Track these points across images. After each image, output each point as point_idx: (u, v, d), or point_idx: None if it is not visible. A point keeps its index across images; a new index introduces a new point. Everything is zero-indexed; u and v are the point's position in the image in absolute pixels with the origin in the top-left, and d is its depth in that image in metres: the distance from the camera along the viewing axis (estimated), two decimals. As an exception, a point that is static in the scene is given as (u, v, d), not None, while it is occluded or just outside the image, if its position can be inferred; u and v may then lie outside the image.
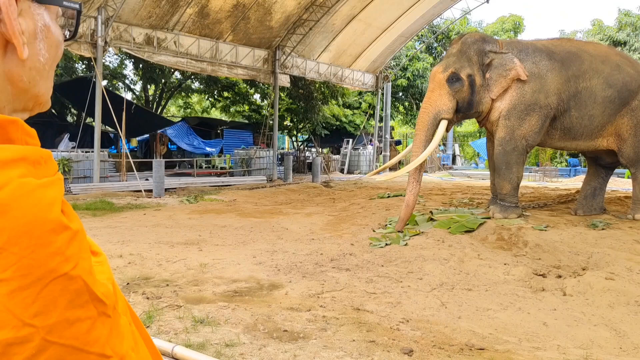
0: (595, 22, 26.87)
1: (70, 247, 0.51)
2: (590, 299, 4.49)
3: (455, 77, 7.50)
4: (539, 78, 7.51)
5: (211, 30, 14.84)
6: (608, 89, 7.50)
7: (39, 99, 0.63)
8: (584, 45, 8.16)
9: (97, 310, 0.52)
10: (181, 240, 6.85)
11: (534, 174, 20.13)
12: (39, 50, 0.60)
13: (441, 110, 7.50)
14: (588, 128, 7.64)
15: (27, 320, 0.47)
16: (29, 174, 0.51)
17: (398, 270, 5.33)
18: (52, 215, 0.50)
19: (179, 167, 20.55)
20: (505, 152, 7.62)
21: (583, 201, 8.33)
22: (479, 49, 7.65)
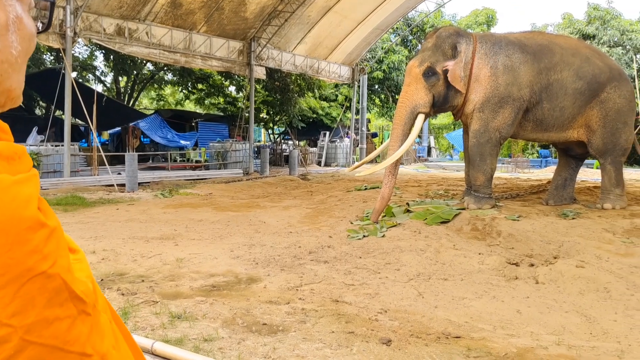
0: (566, 15, 27.44)
1: (48, 245, 0.50)
2: (562, 286, 4.61)
3: (431, 71, 7.56)
4: (512, 70, 7.63)
5: (184, 21, 14.59)
6: (578, 81, 7.68)
7: (10, 93, 0.61)
8: (555, 39, 8.33)
9: (76, 309, 0.51)
10: (156, 235, 6.76)
11: (506, 165, 20.51)
12: (11, 42, 0.58)
13: (418, 104, 7.57)
14: (559, 119, 7.81)
15: (4, 320, 0.46)
16: (3, 170, 0.49)
17: (376, 262, 5.38)
18: (28, 213, 0.49)
19: (152, 160, 20.22)
20: (480, 144, 7.74)
21: (554, 191, 8.54)
22: (453, 43, 7.73)
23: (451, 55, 7.71)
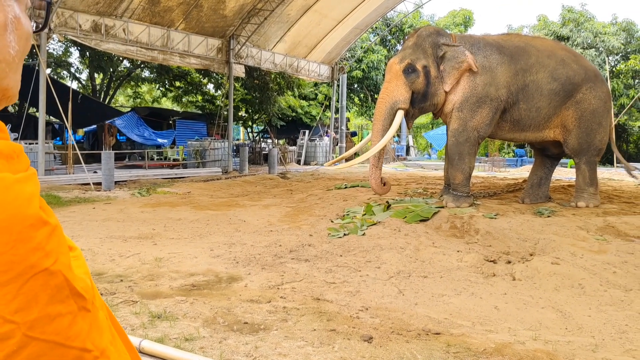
0: (541, 17, 27.96)
1: (50, 242, 0.51)
2: (538, 283, 4.71)
3: (411, 68, 7.72)
4: (489, 71, 7.80)
5: (162, 18, 14.40)
6: (553, 82, 7.86)
7: (7, 92, 0.62)
8: (532, 40, 8.50)
9: (77, 305, 0.52)
10: (134, 235, 6.67)
11: (483, 164, 20.82)
12: (9, 42, 0.59)
13: (397, 100, 7.72)
14: (535, 120, 7.99)
15: (7, 316, 0.46)
16: (3, 169, 0.50)
17: (356, 260, 5.41)
18: (31, 211, 0.50)
19: (129, 159, 19.92)
20: (458, 143, 7.88)
21: (530, 190, 8.72)
22: (434, 41, 7.89)
23: (431, 53, 7.86)
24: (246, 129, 30.71)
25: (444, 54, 7.81)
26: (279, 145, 24.50)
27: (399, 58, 7.90)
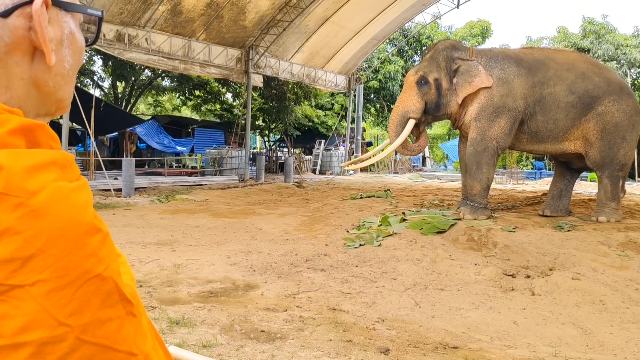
0: (561, 29, 27.74)
1: (102, 249, 0.53)
2: (558, 298, 4.64)
3: (423, 80, 8.17)
4: (506, 83, 7.92)
5: (184, 29, 14.64)
6: (570, 95, 7.88)
7: (61, 103, 0.65)
8: (554, 54, 8.49)
9: (125, 310, 0.54)
10: (153, 241, 6.75)
11: (500, 176, 20.62)
12: (64, 56, 0.62)
13: (409, 109, 8.24)
14: (553, 131, 8.00)
15: (62, 319, 0.48)
16: (60, 178, 0.52)
17: (372, 271, 5.39)
18: (86, 218, 0.52)
19: (148, 166, 20.19)
20: (477, 152, 7.96)
21: (550, 202, 8.67)
22: (448, 55, 8.20)
23: (444, 67, 8.16)
24: (263, 137, 30.91)
25: (457, 68, 8.09)
26: (295, 154, 24.60)
27: (415, 70, 8.42)
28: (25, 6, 0.56)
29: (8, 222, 0.47)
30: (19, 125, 0.53)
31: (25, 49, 0.57)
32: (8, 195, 0.48)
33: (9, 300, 0.46)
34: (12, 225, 0.47)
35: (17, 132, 0.53)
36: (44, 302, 0.47)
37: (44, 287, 0.47)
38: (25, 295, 0.47)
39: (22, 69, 0.58)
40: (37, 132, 0.55)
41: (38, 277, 0.47)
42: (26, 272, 0.47)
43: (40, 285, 0.47)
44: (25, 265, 0.47)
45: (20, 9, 0.56)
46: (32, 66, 0.59)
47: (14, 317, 0.47)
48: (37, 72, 0.59)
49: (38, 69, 0.59)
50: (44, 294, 0.47)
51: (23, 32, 0.56)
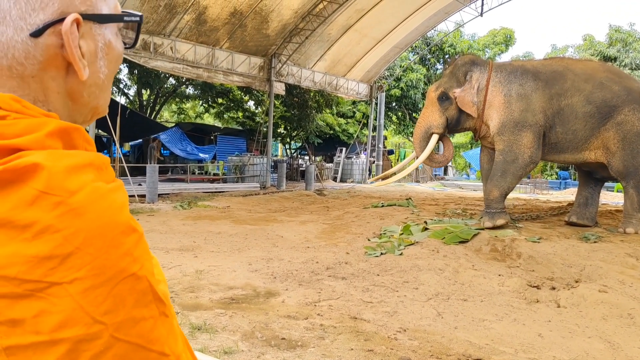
0: (587, 37, 27.29)
1: (138, 249, 0.53)
2: (584, 311, 4.53)
3: (444, 96, 8.34)
4: (525, 98, 8.00)
5: (208, 37, 14.87)
6: (587, 105, 7.86)
7: (97, 109, 0.67)
8: (572, 64, 8.43)
9: (158, 310, 0.54)
10: (176, 246, 6.83)
11: (524, 186, 20.30)
12: (99, 68, 0.63)
13: (432, 125, 8.44)
14: (573, 142, 8.01)
15: (98, 317, 0.49)
16: (98, 178, 0.54)
17: (394, 280, 5.36)
18: (122, 218, 0.53)
19: (171, 172, 20.48)
20: (506, 161, 7.99)
21: (577, 209, 8.62)
22: (467, 70, 8.33)
23: (463, 82, 8.31)
24: (284, 145, 31.08)
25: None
26: (316, 162, 24.65)
27: (435, 86, 8.59)
28: (57, 24, 0.57)
29: (48, 220, 0.48)
30: (56, 127, 0.54)
31: (59, 64, 0.59)
32: (49, 194, 0.49)
33: (47, 297, 0.47)
34: (52, 223, 0.48)
35: (55, 135, 0.54)
36: (81, 299, 0.48)
37: (81, 285, 0.48)
38: (62, 293, 0.48)
39: (57, 83, 0.59)
40: (73, 134, 0.56)
41: (75, 275, 0.48)
42: (64, 270, 0.48)
43: (78, 283, 0.48)
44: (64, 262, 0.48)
45: (51, 28, 0.57)
46: (67, 80, 0.60)
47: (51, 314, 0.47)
48: (71, 85, 0.61)
49: (72, 82, 0.60)
50: (81, 291, 0.48)
51: (55, 50, 0.58)
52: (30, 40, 0.56)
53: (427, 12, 18.16)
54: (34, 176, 0.49)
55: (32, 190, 0.49)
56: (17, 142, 0.52)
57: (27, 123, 0.54)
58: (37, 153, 0.51)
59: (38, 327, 0.47)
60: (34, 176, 0.49)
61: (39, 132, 0.53)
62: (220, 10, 14.13)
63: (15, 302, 0.47)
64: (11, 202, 0.49)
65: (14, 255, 0.47)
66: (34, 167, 0.50)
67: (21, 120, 0.54)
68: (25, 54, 0.56)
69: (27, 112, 0.55)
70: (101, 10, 0.62)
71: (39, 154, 0.51)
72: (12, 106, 0.55)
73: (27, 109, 0.55)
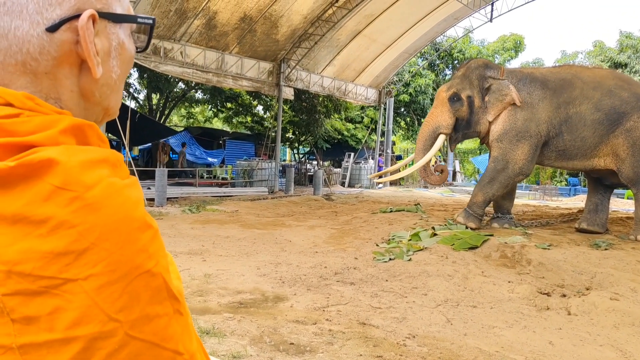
0: (597, 43, 27.13)
1: (153, 245, 0.52)
2: (595, 318, 4.49)
3: (456, 97, 8.30)
4: (531, 107, 8.04)
5: (218, 42, 14.96)
6: (596, 113, 7.87)
7: (108, 110, 0.66)
8: (581, 72, 8.45)
9: (172, 308, 0.53)
10: (184, 250, 6.85)
11: (534, 192, 20.15)
12: (112, 67, 0.63)
13: (440, 125, 8.37)
14: (581, 149, 8.01)
15: (112, 314, 0.48)
16: (113, 174, 0.53)
17: (402, 286, 5.33)
18: (138, 214, 0.52)
19: (180, 176, 20.58)
20: (496, 169, 8.11)
21: (587, 215, 8.62)
22: (481, 74, 8.32)
23: (477, 85, 8.28)
24: (292, 150, 31.12)
25: (489, 86, 8.21)
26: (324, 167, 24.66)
27: (447, 86, 8.52)
28: (73, 20, 0.56)
29: (64, 215, 0.48)
30: (69, 124, 0.54)
31: (73, 61, 0.58)
32: (64, 190, 0.48)
33: (62, 294, 0.46)
34: (67, 219, 0.48)
35: (68, 132, 0.54)
36: (96, 296, 0.47)
37: (96, 282, 0.47)
38: (77, 289, 0.47)
39: (70, 81, 0.59)
40: (87, 131, 0.56)
41: (91, 271, 0.47)
42: (80, 266, 0.47)
43: (93, 279, 0.47)
44: (79, 258, 0.47)
45: (67, 24, 0.56)
46: (80, 78, 0.60)
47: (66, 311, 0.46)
48: (84, 83, 0.60)
49: (85, 80, 0.60)
50: (96, 288, 0.47)
51: (70, 46, 0.57)
52: (46, 35, 0.55)
53: (436, 17, 18.16)
54: (49, 171, 0.49)
55: (48, 186, 0.48)
56: (31, 139, 0.51)
57: (41, 120, 0.53)
58: (52, 148, 0.51)
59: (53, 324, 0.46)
60: (49, 171, 0.49)
61: (53, 129, 0.53)
62: (230, 16, 14.21)
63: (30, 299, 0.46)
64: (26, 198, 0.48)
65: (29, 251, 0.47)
66: (49, 162, 0.49)
67: (34, 117, 0.53)
68: (40, 49, 0.56)
69: (40, 109, 0.54)
70: (115, 10, 0.62)
71: (54, 149, 0.50)
72: (25, 104, 0.54)
73: (40, 106, 0.55)
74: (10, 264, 0.46)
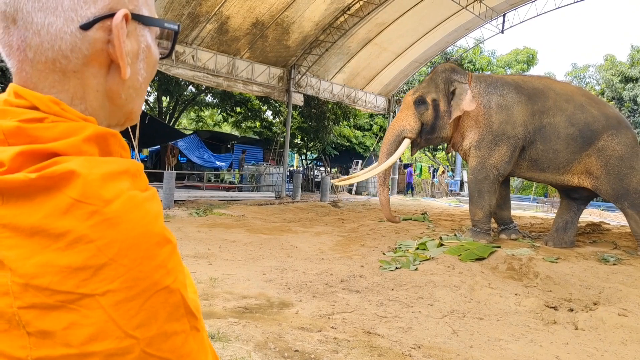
0: (608, 57, 27.01)
1: (171, 261, 0.52)
2: (603, 334, 4.44)
3: (421, 100, 8.24)
4: (505, 109, 7.91)
5: (229, 47, 15.05)
6: (570, 127, 7.77)
7: (131, 114, 0.65)
8: (552, 84, 8.41)
9: (189, 324, 0.52)
10: (190, 253, 6.86)
11: (541, 205, 20.02)
12: (139, 69, 0.62)
13: (405, 129, 8.31)
14: (554, 162, 7.90)
15: (129, 331, 0.47)
16: (133, 187, 0.52)
17: (408, 295, 5.31)
18: (157, 229, 0.51)
19: (188, 179, 20.65)
20: (477, 180, 8.00)
21: (555, 234, 8.38)
22: (447, 77, 8.23)
23: (442, 88, 8.18)
24: (300, 156, 31.16)
25: (454, 90, 8.09)
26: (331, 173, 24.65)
27: (413, 90, 8.48)
28: (106, 19, 0.56)
29: (82, 230, 0.47)
30: (93, 133, 0.54)
31: (102, 61, 0.58)
32: (84, 203, 0.48)
33: (78, 309, 0.46)
34: (86, 233, 0.47)
35: (92, 140, 0.53)
36: (113, 312, 0.47)
37: (113, 297, 0.47)
38: (94, 305, 0.46)
39: (98, 81, 0.58)
40: (110, 140, 0.56)
41: (108, 287, 0.47)
42: (97, 282, 0.46)
43: (110, 295, 0.47)
44: (97, 274, 0.47)
45: (100, 22, 0.56)
46: (107, 78, 0.59)
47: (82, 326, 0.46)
48: (111, 84, 0.60)
49: (112, 81, 0.59)
50: (114, 304, 0.47)
51: (101, 45, 0.57)
52: (79, 32, 0.55)
53: (447, 27, 18.18)
54: (69, 184, 0.48)
55: (67, 199, 0.48)
56: (54, 146, 0.51)
57: (65, 127, 0.53)
58: (73, 160, 0.50)
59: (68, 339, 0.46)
60: (69, 184, 0.48)
61: (76, 136, 0.52)
62: (242, 21, 14.31)
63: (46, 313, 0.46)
64: (45, 210, 0.47)
65: (47, 265, 0.46)
66: (70, 175, 0.49)
67: (59, 123, 0.53)
68: (72, 46, 0.55)
69: (66, 115, 0.54)
70: (144, 13, 0.62)
71: (75, 160, 0.50)
72: (51, 108, 0.54)
73: (66, 112, 0.54)
74: (27, 277, 0.46)
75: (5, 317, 0.46)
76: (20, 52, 0.56)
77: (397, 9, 16.26)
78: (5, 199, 0.48)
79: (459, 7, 16.09)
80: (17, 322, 0.46)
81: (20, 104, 0.54)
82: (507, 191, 8.82)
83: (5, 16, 0.55)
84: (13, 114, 0.53)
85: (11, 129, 0.52)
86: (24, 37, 0.55)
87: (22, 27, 0.55)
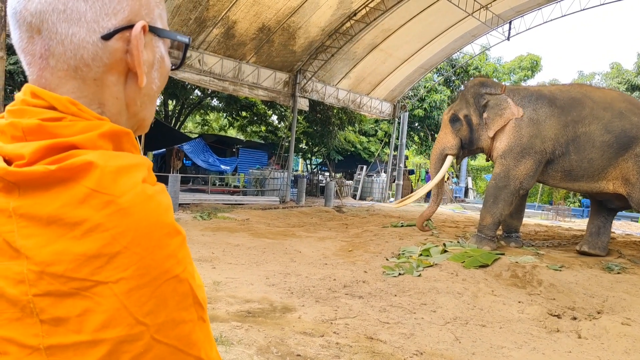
0: (614, 65, 26.95)
1: (181, 251, 0.54)
2: (606, 343, 4.42)
3: (455, 118, 8.57)
4: (537, 124, 7.97)
5: (235, 51, 15.13)
6: (606, 135, 7.75)
7: (143, 122, 0.69)
8: (591, 92, 8.37)
9: (197, 314, 0.54)
10: (194, 257, 6.88)
11: (546, 212, 19.94)
12: (153, 78, 0.66)
13: (446, 147, 8.67)
14: (588, 170, 7.88)
15: (140, 318, 0.49)
16: (145, 180, 0.55)
17: (411, 301, 5.31)
18: (168, 220, 0.53)
19: (192, 183, 20.72)
20: (497, 187, 8.07)
21: (589, 238, 8.46)
22: (476, 92, 8.45)
23: (472, 103, 8.39)
24: (305, 160, 31.20)
25: (486, 103, 8.27)
26: (336, 178, 24.67)
27: (448, 109, 8.87)
28: (125, 31, 0.60)
29: (98, 218, 0.49)
30: (109, 130, 0.56)
31: (121, 70, 0.61)
32: (100, 193, 0.50)
33: (92, 296, 0.47)
34: (101, 222, 0.49)
35: (107, 136, 0.56)
36: (125, 299, 0.48)
37: (126, 285, 0.48)
38: (108, 292, 0.48)
39: (117, 88, 0.62)
40: (123, 138, 0.58)
41: (122, 275, 0.48)
42: (111, 269, 0.48)
43: (123, 282, 0.48)
44: (111, 262, 0.48)
45: (120, 33, 0.60)
46: (126, 86, 0.63)
47: (95, 313, 0.47)
48: (128, 91, 0.63)
49: (130, 89, 0.63)
50: (126, 291, 0.48)
51: (121, 55, 0.60)
52: (101, 42, 0.58)
53: (453, 34, 18.20)
54: (86, 174, 0.51)
55: (84, 189, 0.50)
56: (73, 139, 0.53)
57: (83, 125, 0.55)
58: (90, 152, 0.52)
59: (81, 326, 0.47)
60: (87, 174, 0.51)
61: (93, 131, 0.55)
62: (249, 26, 14.39)
63: (60, 300, 0.47)
64: (62, 200, 0.49)
65: (63, 252, 0.48)
66: (88, 166, 0.51)
67: (77, 122, 0.56)
68: (93, 55, 0.58)
69: (82, 115, 0.57)
70: (158, 26, 0.65)
71: (93, 153, 0.52)
72: (69, 109, 0.56)
73: (83, 112, 0.57)
74: (43, 264, 0.48)
75: (19, 305, 0.48)
76: (42, 60, 0.59)
77: (404, 15, 16.30)
78: (22, 190, 0.50)
79: (465, 14, 16.10)
80: (30, 310, 0.47)
81: (38, 103, 0.57)
82: (522, 202, 8.85)
83: (31, 27, 0.58)
84: (32, 113, 0.56)
85: (31, 127, 0.54)
86: (48, 46, 0.58)
87: (46, 37, 0.58)
